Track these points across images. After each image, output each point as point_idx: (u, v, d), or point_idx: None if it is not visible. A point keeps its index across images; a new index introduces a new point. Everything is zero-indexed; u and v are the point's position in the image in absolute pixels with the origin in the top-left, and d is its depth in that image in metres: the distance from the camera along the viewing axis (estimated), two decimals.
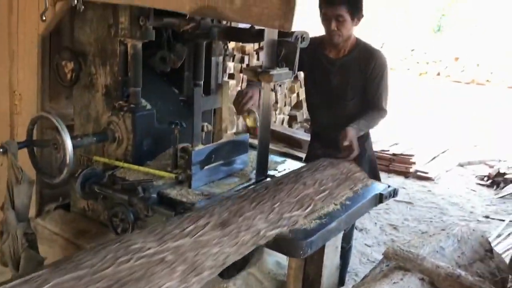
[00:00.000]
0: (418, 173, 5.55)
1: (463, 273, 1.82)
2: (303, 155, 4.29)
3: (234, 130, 4.16)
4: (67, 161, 1.98)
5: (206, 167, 2.06)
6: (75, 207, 2.54)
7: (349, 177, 2.13)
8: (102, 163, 2.31)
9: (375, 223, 4.26)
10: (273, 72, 2.00)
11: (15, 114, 2.61)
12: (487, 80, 14.93)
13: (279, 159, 2.50)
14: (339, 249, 2.03)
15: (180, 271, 1.26)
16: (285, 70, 2.07)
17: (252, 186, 1.94)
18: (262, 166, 2.18)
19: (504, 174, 5.42)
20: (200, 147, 2.01)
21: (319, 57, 2.70)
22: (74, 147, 2.04)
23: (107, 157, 2.32)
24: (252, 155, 2.39)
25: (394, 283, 1.78)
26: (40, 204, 2.59)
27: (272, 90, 2.10)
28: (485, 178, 5.57)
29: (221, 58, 2.74)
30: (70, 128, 2.40)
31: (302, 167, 2.13)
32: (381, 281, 1.83)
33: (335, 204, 1.98)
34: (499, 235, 4.09)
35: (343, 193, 2.01)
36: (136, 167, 2.17)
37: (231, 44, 4.12)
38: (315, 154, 2.85)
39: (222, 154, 2.13)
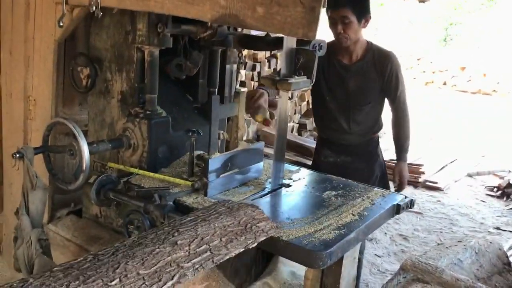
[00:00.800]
0: (427, 183, 5.52)
1: (484, 286, 1.79)
2: (310, 162, 4.29)
3: (244, 138, 4.15)
4: (83, 167, 1.97)
5: (222, 175, 2.05)
6: (87, 213, 2.52)
7: (249, 229, 1.59)
8: (117, 169, 2.30)
9: (385, 233, 4.23)
10: (292, 80, 1.99)
11: (29, 119, 2.61)
12: (494, 90, 14.91)
13: (293, 167, 2.49)
14: (357, 260, 2.01)
15: None
16: (303, 78, 2.06)
17: (94, 253, 1.36)
18: (278, 175, 2.16)
19: None
20: (216, 155, 2.00)
21: (333, 63, 2.72)
22: (90, 153, 2.03)
23: (121, 163, 2.31)
24: (266, 163, 2.37)
25: None
26: (52, 210, 2.58)
27: (290, 98, 2.08)
28: (495, 189, 5.53)
29: (235, 66, 2.74)
30: (84, 134, 2.39)
31: (190, 214, 1.64)
32: None
33: (353, 215, 1.96)
34: (510, 247, 4.05)
35: (232, 253, 1.50)
36: (151, 174, 2.15)
37: (243, 51, 4.11)
38: (327, 163, 2.85)
39: (237, 162, 2.12)
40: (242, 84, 4.20)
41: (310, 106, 5.42)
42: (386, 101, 2.84)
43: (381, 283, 3.43)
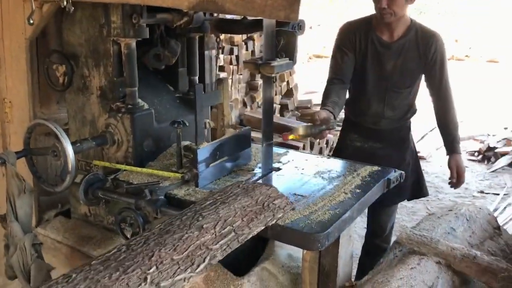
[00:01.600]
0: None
1: (478, 253, 1.82)
2: (299, 144, 4.29)
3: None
4: (69, 168, 1.92)
5: (212, 164, 2.02)
6: (75, 213, 2.48)
7: (266, 207, 1.66)
8: (102, 167, 2.25)
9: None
10: (274, 63, 1.96)
11: (6, 122, 2.53)
12: (466, 56, 15.12)
13: (281, 150, 2.47)
14: (353, 238, 2.02)
15: None
16: (285, 60, 2.03)
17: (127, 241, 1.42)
18: (268, 159, 2.15)
19: (495, 148, 5.48)
20: (204, 144, 1.97)
21: (372, 40, 2.44)
22: (74, 153, 1.98)
23: (107, 160, 2.27)
24: (254, 148, 2.36)
25: (412, 268, 1.78)
26: (39, 213, 2.53)
27: (273, 81, 2.06)
28: (476, 154, 5.63)
29: (214, 51, 2.69)
30: (66, 133, 2.34)
31: (209, 197, 1.68)
32: (398, 267, 1.83)
33: (345, 193, 1.96)
34: (495, 209, 4.14)
35: (254, 231, 1.57)
36: (139, 169, 2.12)
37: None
38: (353, 147, 2.71)
39: (226, 150, 2.09)
40: (221, 68, 4.15)
41: (291, 86, 5.44)
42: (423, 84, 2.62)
43: None
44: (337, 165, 2.28)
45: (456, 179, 2.62)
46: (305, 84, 9.94)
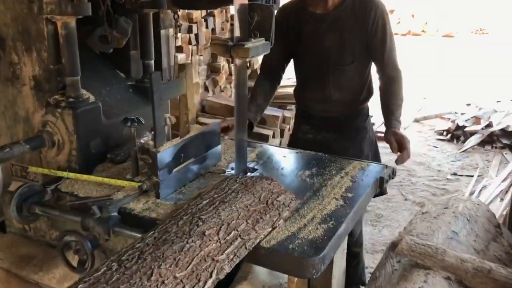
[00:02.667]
0: (378, 134, 5.35)
1: (493, 266, 1.57)
2: (269, 132, 3.97)
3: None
4: None
5: (175, 169, 1.67)
6: (11, 227, 2.08)
7: (271, 205, 1.47)
8: (41, 174, 1.86)
9: None
10: (249, 45, 1.61)
11: None
12: (423, 31, 15.15)
13: (253, 144, 2.15)
14: (346, 250, 1.73)
15: None
16: (261, 41, 1.69)
17: (115, 255, 1.19)
18: (241, 159, 1.81)
19: (464, 127, 5.34)
20: (166, 146, 1.61)
21: (305, 17, 2.15)
22: (1, 161, 1.59)
23: (46, 166, 1.88)
24: (222, 144, 2.02)
25: None
26: None
27: (248, 67, 1.70)
28: (445, 133, 5.48)
29: (171, 30, 2.31)
30: None
31: (204, 196, 1.47)
32: (401, 285, 1.55)
33: (336, 199, 1.66)
34: (472, 193, 3.98)
35: (261, 235, 1.37)
36: (85, 176, 1.74)
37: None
38: (305, 140, 2.44)
39: (192, 150, 1.74)
40: (179, 49, 3.72)
41: (255, 67, 5.06)
42: None
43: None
44: (319, 161, 1.97)
45: (399, 149, 2.14)
46: None
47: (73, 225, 1.65)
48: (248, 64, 1.69)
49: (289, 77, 8.56)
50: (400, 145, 2.12)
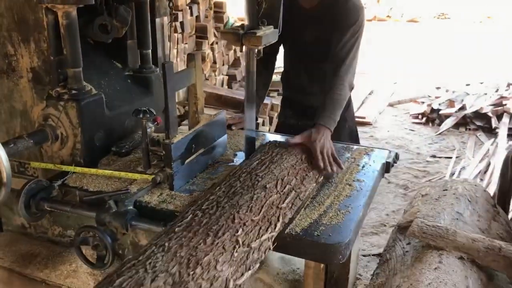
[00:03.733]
0: (356, 119, 5.42)
1: (503, 244, 1.62)
2: (259, 120, 3.95)
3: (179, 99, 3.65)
4: (5, 178, 1.47)
5: (187, 160, 1.65)
6: (9, 224, 2.02)
7: (311, 165, 1.68)
8: (42, 169, 1.80)
9: None
10: (260, 33, 1.60)
11: None
12: (388, 16, 15.35)
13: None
14: (360, 234, 1.75)
15: None
16: (270, 28, 1.67)
17: (195, 204, 1.35)
18: (252, 148, 1.81)
19: (438, 110, 5.47)
20: (178, 137, 1.58)
21: (294, 10, 2.14)
22: (9, 156, 1.52)
23: (48, 160, 1.82)
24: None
25: (436, 268, 1.54)
26: None
27: (256, 56, 1.67)
28: (420, 116, 5.60)
29: (166, 18, 2.26)
30: None
31: (252, 158, 1.64)
32: (417, 267, 1.58)
33: (349, 185, 1.67)
34: (452, 174, 4.09)
35: (309, 189, 1.58)
36: (93, 170, 1.69)
37: None
38: (288, 124, 2.49)
39: (201, 141, 1.72)
40: None
41: (238, 55, 5.03)
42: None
43: None
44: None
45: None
46: None
47: (85, 220, 1.62)
48: (259, 54, 1.67)
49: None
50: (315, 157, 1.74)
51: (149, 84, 2.12)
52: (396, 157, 2.02)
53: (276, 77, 2.71)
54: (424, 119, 5.51)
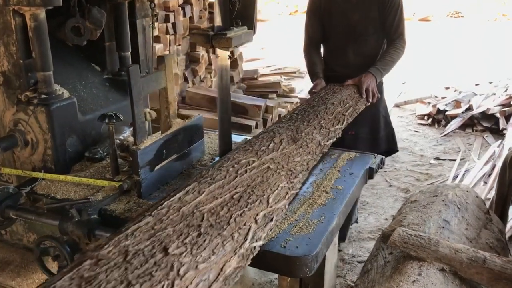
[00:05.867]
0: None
1: (487, 254, 1.53)
2: (252, 123, 3.90)
3: None
4: None
5: (157, 167, 1.59)
6: None
7: (355, 92, 2.38)
8: (15, 175, 1.76)
9: None
10: (231, 34, 1.54)
11: None
12: None
13: (238, 137, 2.07)
14: (337, 245, 1.68)
15: (283, 175, 1.48)
16: (243, 29, 1.61)
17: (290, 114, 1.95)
18: (227, 150, 1.74)
19: (445, 111, 5.33)
20: (146, 143, 1.53)
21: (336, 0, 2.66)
22: None
23: (19, 166, 1.78)
24: (206, 138, 1.95)
25: (414, 281, 1.46)
26: None
27: (230, 57, 1.65)
28: (426, 117, 5.47)
29: (148, 20, 2.21)
30: None
31: (320, 92, 2.30)
32: (395, 279, 1.50)
33: (326, 192, 1.60)
34: (455, 177, 3.98)
35: (361, 107, 2.31)
36: (62, 177, 1.65)
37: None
38: None
39: (174, 146, 1.66)
40: (156, 39, 3.59)
41: (235, 56, 4.95)
42: None
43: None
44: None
45: (357, 84, 2.48)
46: (246, 50, 9.48)
47: (52, 228, 1.57)
48: (230, 54, 1.61)
49: (269, 64, 8.39)
50: (366, 94, 2.44)
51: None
52: (382, 162, 1.95)
53: (277, 78, 2.81)
54: (430, 120, 5.38)
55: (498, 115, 4.99)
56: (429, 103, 5.83)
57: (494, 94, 5.60)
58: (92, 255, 0.96)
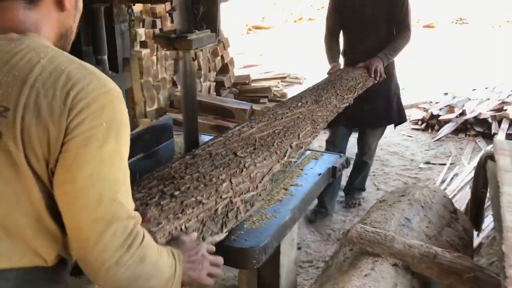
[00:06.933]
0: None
1: (439, 250, 1.57)
2: (232, 125, 3.95)
3: (155, 106, 3.69)
4: None
5: None
6: None
7: (365, 72, 3.00)
8: None
9: None
10: (192, 36, 1.60)
11: None
12: None
13: (209, 137, 2.13)
14: (296, 241, 1.73)
15: (309, 123, 2.03)
16: (206, 32, 1.68)
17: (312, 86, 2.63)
18: (194, 143, 1.81)
19: (438, 116, 5.36)
20: None
21: None
22: None
23: None
24: (180, 139, 2.01)
25: (366, 275, 1.51)
26: None
27: (193, 59, 1.72)
28: (419, 122, 5.50)
29: (126, 25, 2.29)
30: None
31: (336, 72, 2.96)
32: (349, 273, 1.55)
33: (285, 189, 1.66)
34: (443, 181, 4.01)
35: (369, 83, 2.95)
36: None
37: (138, 7, 3.57)
38: None
39: (141, 145, 1.73)
40: (143, 44, 3.67)
41: (226, 61, 5.03)
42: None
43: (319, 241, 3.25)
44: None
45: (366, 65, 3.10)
46: (243, 57, 9.56)
47: None
48: (194, 56, 1.68)
49: (267, 71, 8.42)
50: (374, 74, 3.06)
51: None
52: (347, 162, 2.00)
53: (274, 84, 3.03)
54: (424, 125, 5.41)
55: (490, 119, 5.01)
56: (424, 108, 5.86)
57: (489, 99, 5.62)
58: (188, 154, 1.58)
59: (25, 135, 0.85)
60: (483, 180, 2.34)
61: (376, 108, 3.29)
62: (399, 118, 3.56)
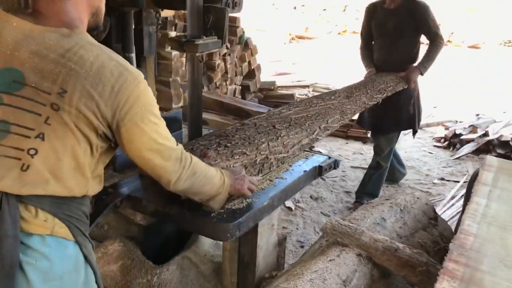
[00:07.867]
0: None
1: (401, 246, 1.76)
2: None
3: (181, 104, 3.98)
4: None
5: None
6: None
7: (397, 78, 3.51)
8: None
9: (331, 191, 4.22)
10: (199, 41, 1.86)
11: None
12: (448, 41, 15.05)
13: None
14: (276, 227, 1.94)
15: (338, 112, 2.53)
16: (213, 39, 1.93)
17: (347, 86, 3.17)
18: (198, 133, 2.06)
19: (460, 135, 5.43)
20: None
21: (379, 11, 3.65)
22: None
23: None
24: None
25: (330, 260, 1.71)
26: None
27: (200, 61, 1.97)
28: (442, 140, 5.58)
29: (153, 27, 2.57)
30: None
31: (370, 77, 3.47)
32: (317, 258, 1.76)
33: (270, 181, 1.88)
34: (453, 197, 4.10)
35: (399, 88, 3.45)
36: None
37: (170, 12, 3.88)
38: None
39: None
40: None
41: (253, 67, 5.25)
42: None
43: None
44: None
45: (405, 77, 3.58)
46: (278, 65, 9.80)
47: None
48: (201, 59, 1.93)
49: (299, 79, 8.61)
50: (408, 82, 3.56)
51: None
52: (336, 164, 2.19)
53: (294, 91, 3.09)
54: (446, 143, 5.49)
55: (511, 142, 5.05)
56: (450, 127, 5.93)
57: None
58: (237, 123, 2.12)
59: (76, 111, 1.20)
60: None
61: (387, 114, 3.64)
62: (408, 125, 3.84)
